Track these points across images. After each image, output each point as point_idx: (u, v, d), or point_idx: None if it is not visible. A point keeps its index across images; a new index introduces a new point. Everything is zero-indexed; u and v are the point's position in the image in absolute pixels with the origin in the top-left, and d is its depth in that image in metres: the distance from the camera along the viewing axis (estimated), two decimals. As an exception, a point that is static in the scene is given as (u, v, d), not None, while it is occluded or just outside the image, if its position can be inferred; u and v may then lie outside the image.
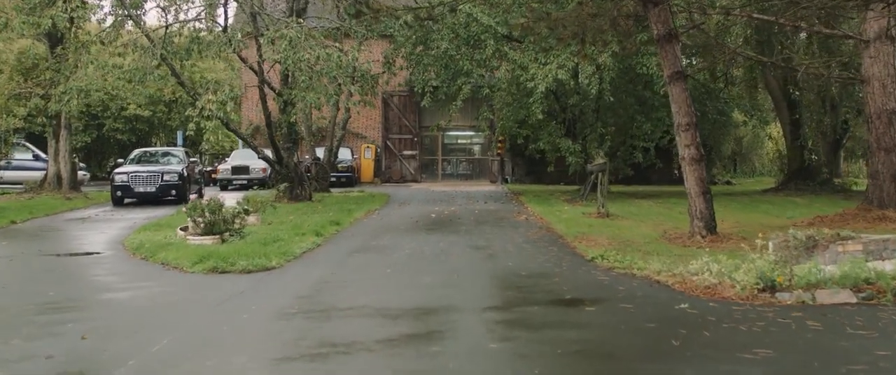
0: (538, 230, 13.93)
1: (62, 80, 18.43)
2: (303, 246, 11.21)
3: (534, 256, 10.36)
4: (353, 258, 10.42)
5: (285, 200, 21.24)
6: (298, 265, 9.77)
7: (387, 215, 17.40)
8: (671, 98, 11.73)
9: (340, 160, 31.11)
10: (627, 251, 10.50)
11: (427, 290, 7.85)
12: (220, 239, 11.88)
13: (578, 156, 21.77)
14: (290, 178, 21.48)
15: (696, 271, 7.85)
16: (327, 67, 18.36)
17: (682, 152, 11.80)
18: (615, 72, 20.62)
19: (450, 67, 21.71)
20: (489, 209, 19.07)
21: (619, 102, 22.31)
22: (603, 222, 14.85)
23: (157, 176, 22.17)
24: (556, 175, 28.82)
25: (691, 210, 11.88)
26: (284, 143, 21.82)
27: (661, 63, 11.86)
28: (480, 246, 11.47)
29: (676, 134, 11.88)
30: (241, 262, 9.41)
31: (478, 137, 37.38)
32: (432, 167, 37.06)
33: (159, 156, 24.86)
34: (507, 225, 14.85)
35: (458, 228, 14.27)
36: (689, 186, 11.82)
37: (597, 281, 8.25)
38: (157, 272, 9.50)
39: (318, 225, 14.06)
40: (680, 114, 11.66)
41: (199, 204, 11.95)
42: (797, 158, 27.36)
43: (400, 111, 35.86)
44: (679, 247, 11.18)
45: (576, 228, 13.54)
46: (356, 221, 15.82)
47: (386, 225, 14.87)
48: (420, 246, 11.41)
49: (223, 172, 31.44)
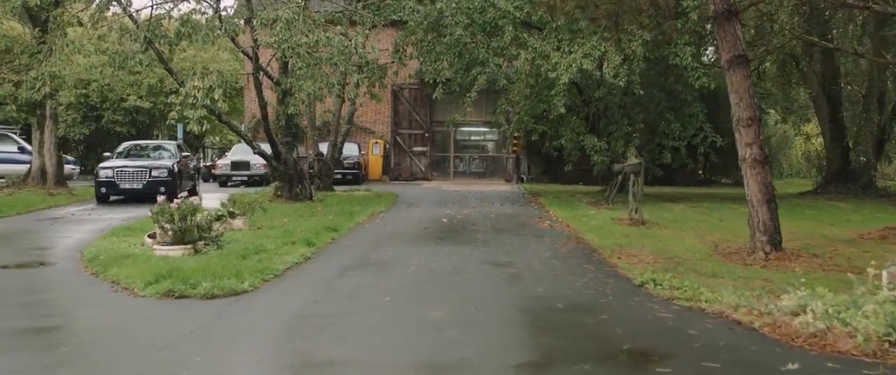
0: (566, 240, 12.01)
1: (35, 65, 16.66)
2: (288, 261, 9.34)
3: (568, 278, 8.44)
4: (346, 278, 8.52)
5: (283, 199, 19.49)
6: (276, 288, 7.87)
7: (392, 219, 15.51)
8: (730, 87, 9.78)
9: (346, 156, 29.33)
10: (681, 271, 8.59)
11: (435, 332, 5.95)
12: (193, 248, 10.04)
13: (604, 155, 19.80)
14: (289, 176, 19.66)
15: (791, 310, 5.90)
16: (328, 53, 16.54)
17: (743, 152, 9.84)
18: (645, 63, 18.61)
19: (464, 56, 19.78)
20: (507, 213, 17.15)
21: (648, 97, 20.30)
22: (639, 231, 12.93)
23: (144, 171, 20.50)
24: (574, 174, 26.80)
25: (752, 221, 9.92)
26: (283, 138, 19.97)
27: (718, 45, 9.89)
28: (501, 263, 9.56)
29: (736, 130, 9.91)
30: (205, 284, 7.54)
31: (492, 134, 35.46)
32: (444, 164, 35.19)
33: (150, 150, 23.12)
34: (530, 234, 12.93)
35: (473, 237, 12.37)
36: (751, 193, 9.86)
37: (658, 321, 6.32)
38: (100, 295, 7.64)
39: (312, 232, 12.20)
40: (740, 106, 9.71)
41: (167, 208, 10.09)
42: (836, 159, 25.28)
43: (410, 105, 33.98)
44: (740, 266, 9.25)
45: (610, 239, 11.62)
46: (357, 226, 13.94)
47: (390, 233, 12.98)
48: (428, 262, 9.52)
49: (222, 168, 29.74)
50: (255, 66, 17.73)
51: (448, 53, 19.81)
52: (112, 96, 36.16)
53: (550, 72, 18.08)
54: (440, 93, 19.48)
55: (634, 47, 17.36)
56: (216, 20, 17.08)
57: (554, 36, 18.67)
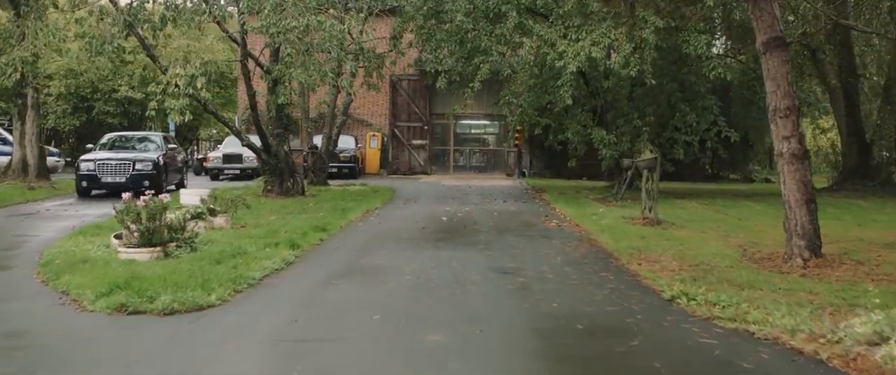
0: (578, 242, 10.93)
1: (7, 50, 15.56)
2: (266, 267, 8.26)
3: (586, 290, 7.36)
4: (331, 290, 7.43)
5: (274, 194, 18.46)
6: (249, 301, 6.79)
7: (388, 217, 14.43)
8: (766, 73, 8.69)
9: (342, 149, 28.26)
10: (712, 282, 7.52)
11: (434, 364, 4.87)
12: (163, 251, 8.96)
13: (613, 149, 18.69)
14: (280, 169, 18.59)
15: (867, 338, 4.83)
16: (320, 39, 15.47)
17: (779, 146, 8.75)
18: (656, 51, 17.49)
19: (465, 44, 18.65)
20: (510, 210, 16.07)
21: (660, 88, 19.19)
22: (655, 232, 11.85)
23: (127, 164, 19.50)
24: (577, 169, 25.65)
25: (789, 223, 8.85)
26: (274, 129, 18.89)
27: (754, 26, 8.79)
28: (508, 270, 8.49)
29: (772, 122, 8.81)
30: (165, 296, 6.47)
31: (492, 127, 34.40)
32: (443, 158, 34.11)
33: (136, 141, 22.05)
34: (537, 234, 11.85)
35: (475, 238, 11.28)
36: (788, 192, 8.78)
37: (702, 349, 5.22)
38: (41, 309, 6.55)
39: (299, 231, 11.13)
40: (778, 95, 8.62)
41: (133, 206, 9.01)
42: (853, 154, 24.17)
43: (409, 96, 32.87)
44: (776, 275, 8.17)
45: (626, 241, 10.55)
46: (349, 225, 12.86)
47: (384, 233, 11.89)
48: (425, 269, 8.45)
49: (213, 161, 28.71)
50: (243, 53, 16.62)
51: (449, 41, 18.70)
52: (103, 86, 35.05)
53: (557, 60, 17.00)
54: (443, 82, 18.36)
55: (646, 35, 16.29)
56: (202, 3, 16.04)
57: (561, 23, 17.58)
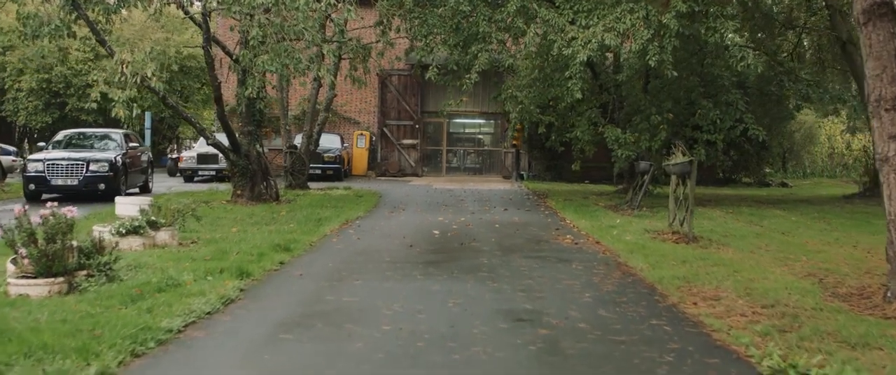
0: (605, 268, 8.74)
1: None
2: (194, 309, 6.04)
3: (640, 353, 5.17)
4: (276, 351, 5.21)
5: (244, 200, 16.31)
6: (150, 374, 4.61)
7: (369, 230, 12.21)
8: (866, 50, 6.54)
9: (326, 149, 26.11)
10: (809, 336, 5.38)
11: None
12: (68, 282, 6.78)
13: (630, 150, 16.51)
14: (252, 172, 16.41)
15: None
16: (293, 21, 13.31)
17: (884, 148, 6.56)
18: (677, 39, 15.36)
19: (462, 31, 16.46)
20: (514, 221, 13.89)
21: (678, 81, 17.04)
22: (696, 253, 9.69)
23: (80, 165, 17.41)
24: (578, 171, 23.35)
25: (892, 252, 6.70)
26: (244, 126, 16.70)
27: None
28: (523, 314, 6.29)
29: (873, 115, 6.63)
30: (19, 368, 4.31)
31: (488, 126, 32.29)
32: (435, 159, 31.96)
33: (95, 139, 19.87)
34: (552, 256, 9.66)
35: (475, 261, 9.08)
36: (892, 209, 6.62)
37: None
38: None
39: (255, 252, 8.93)
40: (883, 80, 6.45)
41: (27, 224, 6.81)
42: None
43: (399, 93, 30.70)
44: (885, 322, 6.05)
45: (666, 267, 8.38)
46: (321, 242, 10.64)
47: (363, 253, 9.69)
48: (411, 313, 6.26)
49: (188, 161, 26.51)
50: (206, 36, 14.39)
51: (443, 27, 16.50)
52: (77, 82, 32.88)
53: (565, 49, 14.87)
54: (433, 73, 16.16)
55: (667, 20, 14.19)
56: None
57: (569, 7, 15.45)
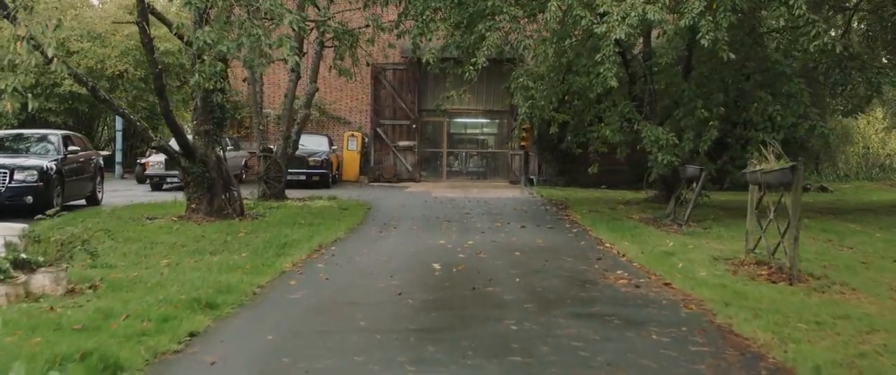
0: (703, 338, 5.50)
1: None
2: None
3: None
4: None
5: (200, 216, 13.29)
6: None
7: (346, 263, 9.02)
8: None
9: (312, 152, 23.00)
10: None
11: None
12: None
13: (673, 153, 13.37)
14: (209, 181, 13.35)
15: None
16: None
17: None
18: (733, 14, 12.22)
19: (466, 5, 13.33)
20: (538, 245, 10.72)
21: (729, 67, 13.80)
22: (819, 303, 6.56)
23: (3, 174, 14.40)
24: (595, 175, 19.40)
25: None
26: (199, 125, 13.64)
27: None
28: None
29: None
30: None
31: (492, 126, 29.21)
32: (435, 162, 28.85)
33: (32, 142, 16.83)
34: (611, 313, 6.43)
35: (497, 329, 5.85)
36: None
37: None
38: None
39: (163, 309, 5.85)
40: None
41: None
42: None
43: (394, 90, 27.57)
44: None
45: (801, 338, 5.27)
46: (269, 287, 7.40)
47: (326, 311, 6.51)
48: None
49: (154, 166, 23.33)
50: (141, 9, 11.29)
51: (443, 3, 13.38)
52: (44, 80, 29.87)
53: (596, 26, 11.81)
54: (431, 56, 13.05)
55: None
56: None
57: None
